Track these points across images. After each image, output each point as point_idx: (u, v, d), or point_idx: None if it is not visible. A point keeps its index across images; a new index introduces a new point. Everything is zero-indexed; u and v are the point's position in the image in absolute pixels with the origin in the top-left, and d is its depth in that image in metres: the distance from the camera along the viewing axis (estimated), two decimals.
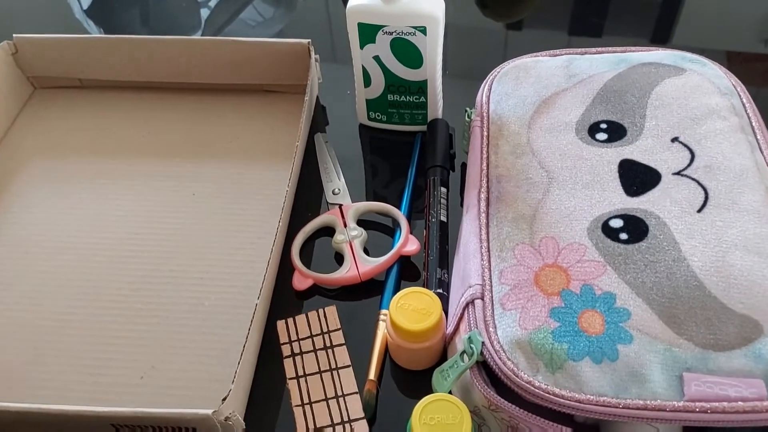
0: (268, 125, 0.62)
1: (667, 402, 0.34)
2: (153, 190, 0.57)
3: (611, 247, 0.39)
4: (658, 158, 0.44)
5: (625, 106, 0.47)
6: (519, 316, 0.38)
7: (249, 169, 0.58)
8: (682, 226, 0.40)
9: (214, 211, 0.55)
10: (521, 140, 0.47)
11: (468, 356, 0.38)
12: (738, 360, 0.35)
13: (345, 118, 0.63)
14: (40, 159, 0.60)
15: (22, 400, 0.42)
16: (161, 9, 0.80)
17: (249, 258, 0.51)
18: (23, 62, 0.64)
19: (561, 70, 0.51)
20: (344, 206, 0.54)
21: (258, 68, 0.63)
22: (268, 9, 0.79)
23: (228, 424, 0.38)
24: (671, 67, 0.49)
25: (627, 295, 0.37)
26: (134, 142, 0.61)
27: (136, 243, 0.53)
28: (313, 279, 0.49)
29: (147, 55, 0.63)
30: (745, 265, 0.37)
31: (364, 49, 0.55)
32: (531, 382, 0.35)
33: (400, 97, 0.58)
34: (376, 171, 0.59)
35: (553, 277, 0.39)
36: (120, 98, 0.65)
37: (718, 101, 0.46)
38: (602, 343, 0.36)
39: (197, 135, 0.61)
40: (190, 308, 0.49)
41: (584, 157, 0.45)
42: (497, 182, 0.45)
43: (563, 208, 0.42)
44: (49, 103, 0.65)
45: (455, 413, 0.36)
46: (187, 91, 0.65)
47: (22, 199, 0.57)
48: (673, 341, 0.35)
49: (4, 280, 0.51)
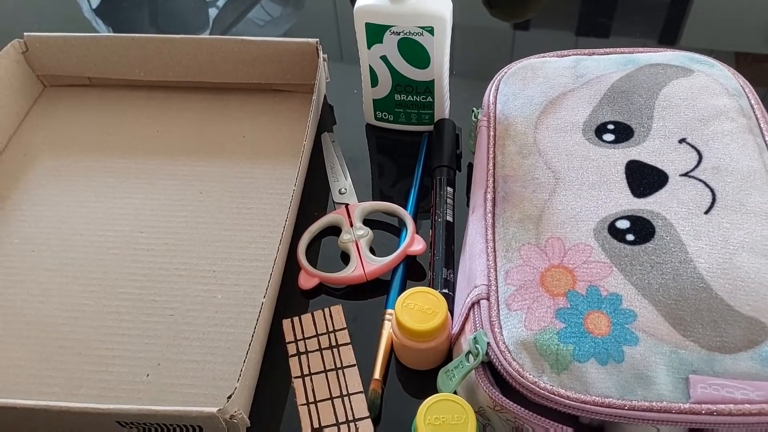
0: (276, 124, 0.62)
1: (672, 404, 0.34)
2: (161, 188, 0.57)
3: (618, 248, 0.39)
4: (665, 159, 0.44)
5: (633, 107, 0.47)
6: (524, 317, 0.38)
7: (256, 168, 0.58)
8: (689, 228, 0.39)
9: (221, 209, 0.55)
10: (528, 140, 0.47)
11: (473, 356, 0.38)
12: (745, 362, 0.34)
13: (352, 118, 0.63)
14: (49, 157, 0.61)
15: (28, 396, 0.43)
16: (170, 8, 0.80)
17: (255, 257, 0.52)
18: (33, 61, 0.65)
19: (568, 71, 0.51)
20: (350, 206, 0.54)
21: (266, 67, 0.63)
22: (275, 8, 0.79)
23: (233, 423, 0.38)
24: (679, 68, 0.49)
25: (633, 297, 0.37)
26: (142, 140, 0.61)
27: (143, 241, 0.53)
28: (319, 278, 0.49)
29: (155, 54, 0.63)
30: (752, 267, 0.37)
31: (371, 49, 0.55)
32: (536, 383, 0.35)
33: (407, 96, 0.58)
34: (383, 170, 0.59)
35: (559, 278, 0.39)
36: (128, 97, 0.66)
37: (726, 102, 0.46)
38: (608, 344, 0.36)
39: (205, 134, 0.62)
40: (196, 306, 0.49)
41: (591, 158, 0.45)
42: (504, 182, 0.45)
43: (570, 209, 0.42)
44: (59, 102, 0.66)
45: (460, 413, 0.36)
46: (195, 90, 0.65)
47: (31, 197, 0.57)
48: (680, 343, 0.35)
49: (12, 277, 0.51)
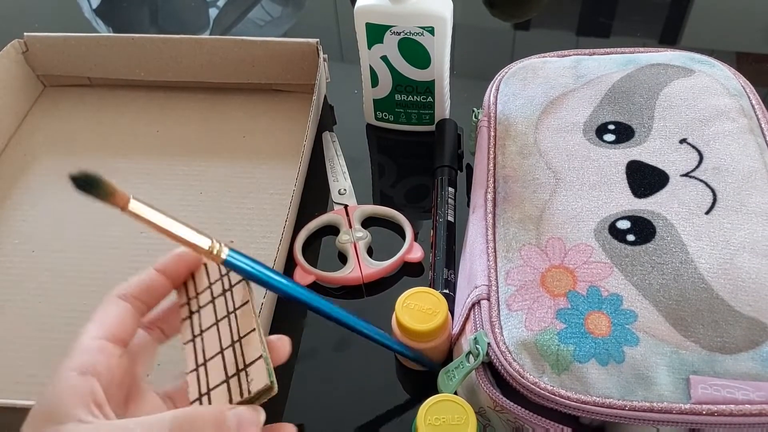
0: (276, 124, 0.62)
1: (673, 404, 0.34)
2: (161, 187, 0.57)
3: (618, 248, 0.39)
4: (666, 159, 0.44)
5: (633, 107, 0.47)
6: (525, 317, 0.38)
7: (256, 168, 0.58)
8: (690, 228, 0.39)
9: (221, 209, 0.55)
10: (528, 141, 0.47)
11: (474, 357, 0.38)
12: (745, 363, 0.34)
13: (352, 118, 0.63)
14: (49, 157, 0.61)
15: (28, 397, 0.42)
16: (170, 8, 0.80)
17: (255, 257, 0.51)
18: (33, 61, 0.65)
19: (569, 71, 0.51)
20: (350, 207, 0.54)
21: (266, 67, 0.63)
22: (276, 8, 0.79)
23: None
24: (680, 68, 0.49)
25: (634, 297, 0.37)
26: (142, 140, 0.61)
27: (143, 241, 0.53)
28: (315, 276, 0.49)
29: (156, 54, 0.63)
30: (753, 267, 0.37)
31: (371, 49, 0.55)
32: (537, 383, 0.35)
33: (408, 97, 0.58)
34: (383, 171, 0.59)
35: (559, 279, 0.39)
36: (128, 97, 0.65)
37: (727, 102, 0.46)
38: (608, 344, 0.36)
39: (205, 134, 0.62)
40: None
41: (592, 158, 0.45)
42: (504, 182, 0.45)
43: (570, 209, 0.42)
44: (59, 102, 0.66)
45: (461, 414, 0.36)
46: (196, 90, 0.65)
47: (31, 197, 0.57)
48: (680, 343, 0.35)
49: (12, 277, 0.51)
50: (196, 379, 0.32)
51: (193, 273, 0.36)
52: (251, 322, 0.32)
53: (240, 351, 0.31)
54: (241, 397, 0.30)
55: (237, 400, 0.30)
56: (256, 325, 0.32)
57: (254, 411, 0.30)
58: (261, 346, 0.31)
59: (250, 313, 0.32)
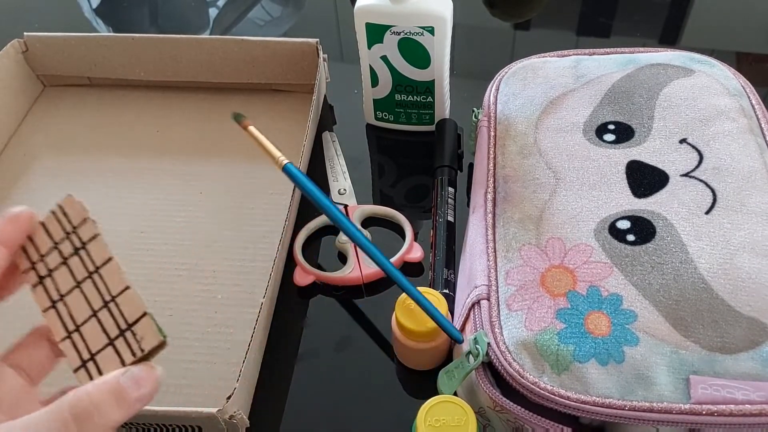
0: (276, 124, 0.62)
1: (673, 404, 0.34)
2: (161, 187, 0.57)
3: (618, 248, 0.39)
4: (666, 159, 0.44)
5: (633, 107, 0.47)
6: (525, 317, 0.38)
7: (256, 168, 0.58)
8: (690, 228, 0.39)
9: (221, 209, 0.55)
10: (528, 141, 0.47)
11: (474, 357, 0.38)
12: (745, 363, 0.34)
13: (352, 118, 0.63)
14: (49, 157, 0.61)
15: None
16: (170, 8, 0.80)
17: (255, 257, 0.52)
18: (33, 60, 0.65)
19: (569, 71, 0.51)
20: (349, 207, 0.54)
21: (266, 67, 0.63)
22: (276, 8, 0.79)
23: (232, 423, 0.38)
24: (680, 68, 0.49)
25: (634, 297, 0.37)
26: (142, 140, 0.61)
27: (143, 241, 0.53)
28: (314, 276, 0.49)
29: (155, 54, 0.63)
30: (753, 267, 0.37)
31: (371, 49, 0.55)
32: (536, 383, 0.35)
33: (408, 96, 0.58)
34: (383, 171, 0.59)
35: (559, 279, 0.39)
36: (128, 97, 0.65)
37: (727, 102, 0.46)
38: (608, 344, 0.36)
39: (205, 133, 0.62)
40: (196, 306, 0.49)
41: (591, 158, 0.45)
42: (504, 182, 0.45)
43: (570, 209, 0.42)
44: (59, 101, 0.66)
45: (460, 415, 0.36)
46: (195, 89, 0.65)
47: (31, 197, 0.57)
48: (680, 343, 0.35)
49: None
50: (72, 346, 0.31)
51: (30, 236, 0.34)
52: (120, 279, 0.31)
53: (118, 311, 0.31)
54: (134, 357, 0.29)
55: (130, 360, 0.29)
56: (128, 282, 0.31)
57: (150, 368, 0.29)
58: (141, 303, 0.30)
59: (117, 271, 0.31)
